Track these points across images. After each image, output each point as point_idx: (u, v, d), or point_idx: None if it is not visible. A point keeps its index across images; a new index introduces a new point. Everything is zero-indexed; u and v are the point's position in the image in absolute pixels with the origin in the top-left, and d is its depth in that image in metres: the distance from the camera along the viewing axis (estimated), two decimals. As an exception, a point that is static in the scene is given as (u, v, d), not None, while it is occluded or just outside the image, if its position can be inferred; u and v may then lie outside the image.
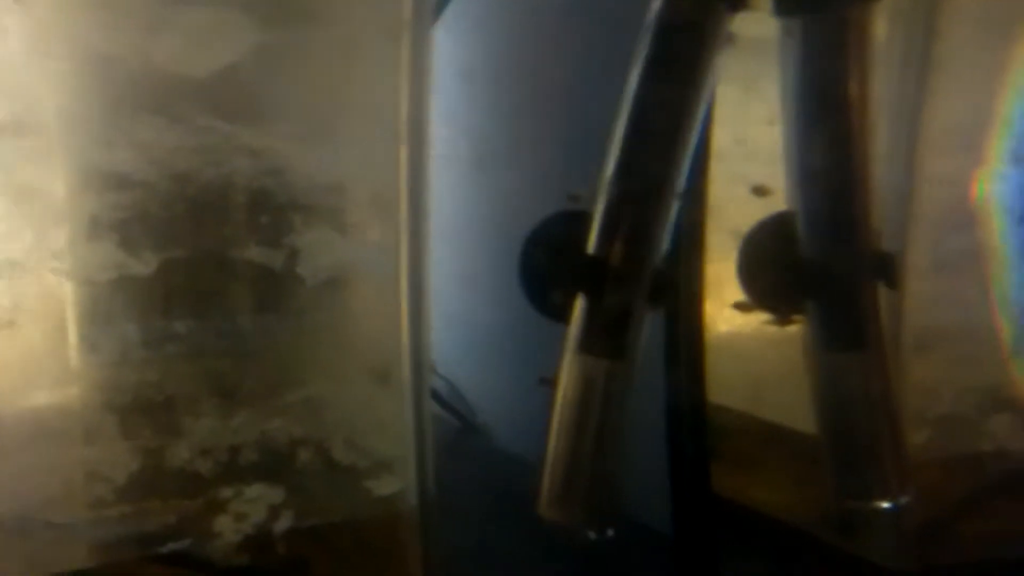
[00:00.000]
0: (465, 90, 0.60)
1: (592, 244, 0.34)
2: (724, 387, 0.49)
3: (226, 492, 0.41)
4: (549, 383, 0.39)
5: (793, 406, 0.43)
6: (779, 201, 0.37)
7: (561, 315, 0.37)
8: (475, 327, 0.55)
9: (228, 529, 0.41)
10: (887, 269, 0.35)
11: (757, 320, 0.40)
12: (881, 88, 0.36)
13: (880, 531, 0.41)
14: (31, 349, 0.39)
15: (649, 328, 0.35)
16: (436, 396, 0.54)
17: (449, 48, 0.56)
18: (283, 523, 0.42)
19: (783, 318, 0.38)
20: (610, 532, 0.37)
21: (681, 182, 0.33)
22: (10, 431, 0.39)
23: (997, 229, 0.45)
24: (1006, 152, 0.46)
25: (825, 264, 0.35)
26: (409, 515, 0.44)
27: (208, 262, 0.41)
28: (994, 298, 0.43)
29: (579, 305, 0.35)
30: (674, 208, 0.33)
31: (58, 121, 0.39)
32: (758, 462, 0.49)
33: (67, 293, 0.39)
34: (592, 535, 0.36)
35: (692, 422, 0.48)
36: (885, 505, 0.36)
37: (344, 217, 0.43)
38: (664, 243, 0.34)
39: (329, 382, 0.43)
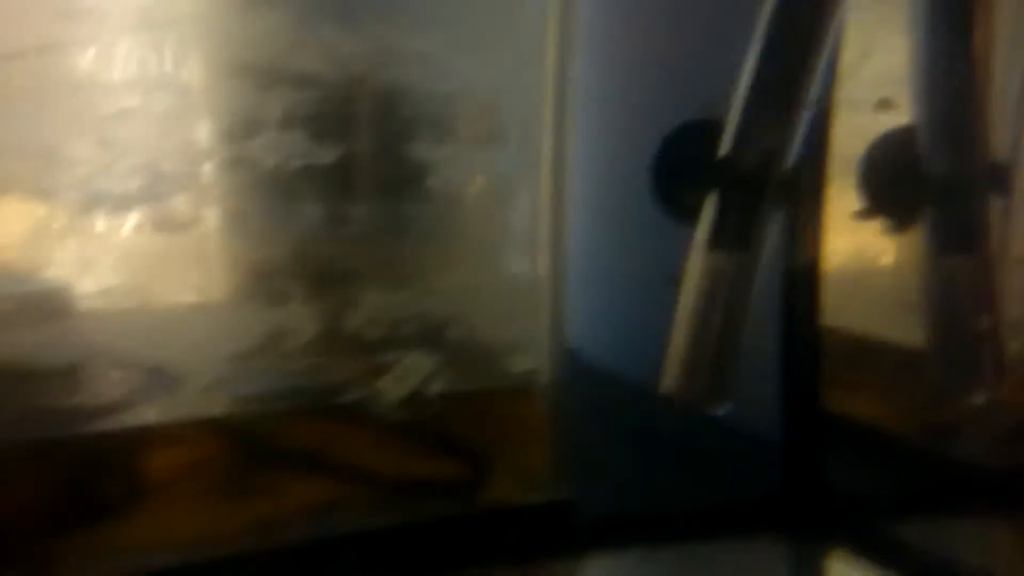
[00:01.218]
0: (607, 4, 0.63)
1: (725, 147, 0.38)
2: (835, 305, 0.53)
3: (389, 357, 0.48)
4: (676, 281, 0.43)
5: (902, 323, 0.46)
6: (903, 115, 0.39)
7: (691, 217, 0.41)
8: (607, 232, 0.59)
9: (389, 389, 0.48)
10: (1000, 179, 0.37)
11: (872, 232, 0.43)
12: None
13: (974, 432, 0.45)
14: (229, 226, 0.46)
15: (771, 232, 0.39)
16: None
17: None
18: (434, 387, 0.49)
19: (900, 225, 0.41)
20: (726, 409, 0.42)
21: (812, 92, 0.36)
22: (210, 297, 0.47)
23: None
24: None
25: (943, 173, 0.37)
26: (541, 392, 0.51)
27: (379, 156, 0.47)
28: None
29: (709, 205, 0.39)
30: (804, 117, 0.36)
31: (257, 28, 0.45)
32: (866, 377, 0.53)
33: (262, 178, 0.45)
34: (710, 409, 0.41)
35: (806, 330, 0.51)
36: (981, 401, 0.39)
37: (498, 121, 0.48)
38: (793, 149, 0.37)
39: (478, 270, 0.49)
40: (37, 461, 0.45)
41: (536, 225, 0.49)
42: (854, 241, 0.47)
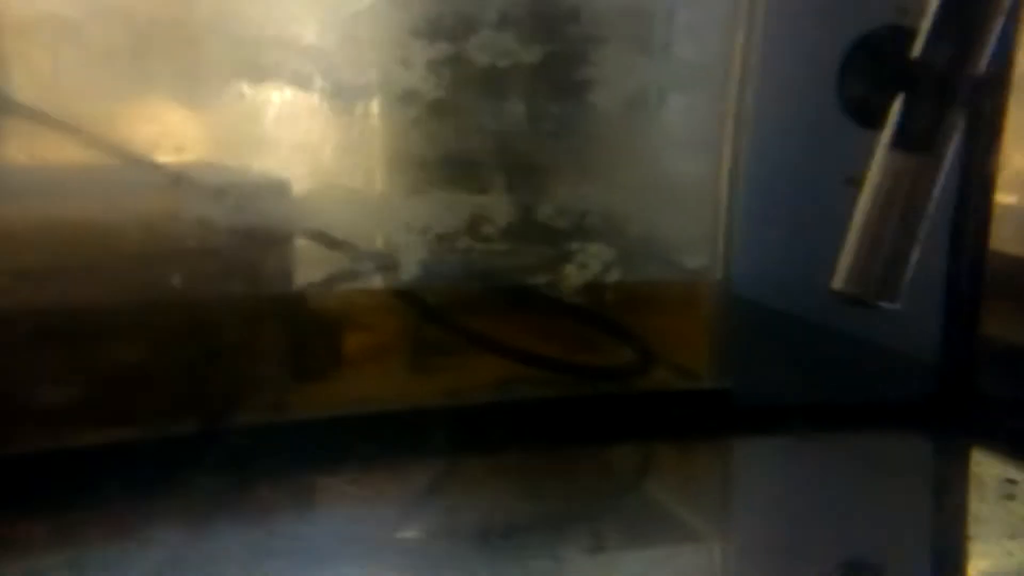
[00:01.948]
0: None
1: (917, 50, 0.39)
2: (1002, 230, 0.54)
3: (575, 246, 0.53)
4: (856, 183, 0.46)
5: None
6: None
7: (875, 121, 0.43)
8: (787, 137, 0.61)
9: (573, 275, 0.53)
10: None
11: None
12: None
13: None
14: (440, 118, 0.51)
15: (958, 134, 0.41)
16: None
17: None
18: (612, 275, 0.54)
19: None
20: (895, 307, 0.44)
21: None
22: (420, 183, 0.53)
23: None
24: None
25: None
26: (710, 288, 0.55)
27: (574, 59, 0.51)
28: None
29: (897, 106, 0.41)
30: (998, 24, 0.38)
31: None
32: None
33: (475, 77, 0.51)
34: (879, 305, 0.44)
35: (973, 251, 0.53)
36: None
37: (681, 26, 0.51)
38: (984, 56, 0.39)
39: (659, 169, 0.53)
40: (272, 316, 0.52)
41: (718, 129, 0.52)
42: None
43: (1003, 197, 0.54)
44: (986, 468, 0.52)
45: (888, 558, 0.42)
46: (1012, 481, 0.48)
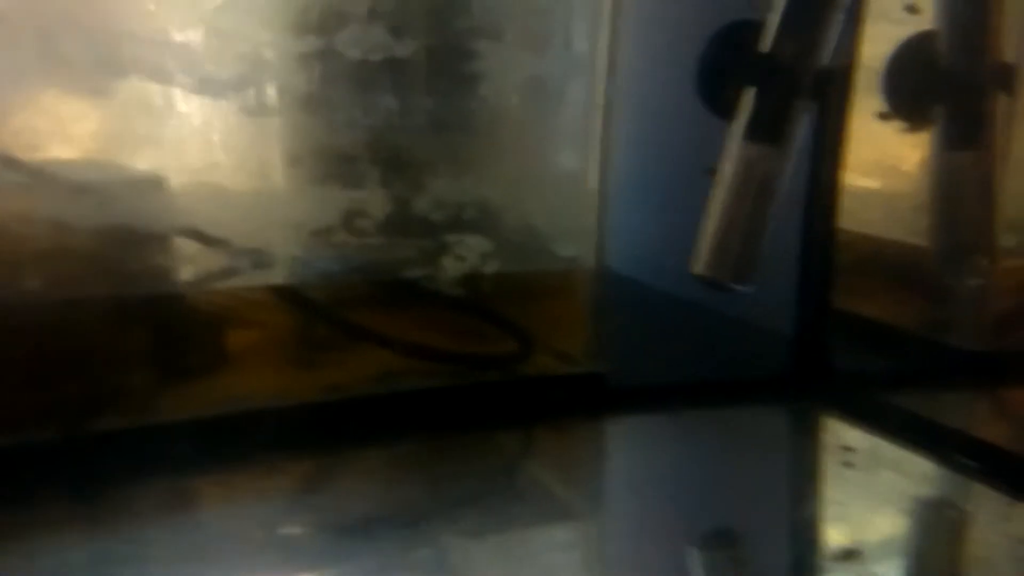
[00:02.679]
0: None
1: (766, 44, 0.42)
2: (851, 207, 0.58)
3: (451, 238, 0.54)
4: (714, 172, 0.49)
5: (908, 225, 0.52)
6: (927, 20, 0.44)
7: (730, 111, 0.46)
8: (652, 126, 0.64)
9: (450, 267, 0.54)
10: (1007, 79, 0.42)
11: (894, 133, 0.48)
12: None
13: (965, 320, 0.51)
14: (312, 112, 0.51)
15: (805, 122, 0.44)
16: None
17: None
18: (490, 267, 0.55)
19: (917, 125, 0.46)
20: (748, 289, 0.48)
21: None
22: (293, 178, 0.52)
23: None
24: None
25: (956, 72, 0.42)
26: (583, 276, 0.57)
27: (446, 53, 0.52)
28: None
29: (748, 99, 0.44)
30: (839, 18, 0.41)
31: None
32: (877, 274, 0.58)
33: (347, 71, 0.50)
34: (734, 287, 0.47)
35: (824, 224, 0.57)
36: (973, 284, 0.45)
37: (554, 22, 0.53)
38: (828, 49, 0.42)
39: (532, 162, 0.55)
40: (144, 317, 0.51)
41: (588, 124, 0.54)
42: (877, 147, 0.52)
43: (870, 182, 0.58)
44: (838, 437, 0.56)
45: (748, 527, 0.45)
46: (849, 448, 0.52)
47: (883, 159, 0.54)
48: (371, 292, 0.55)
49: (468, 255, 0.54)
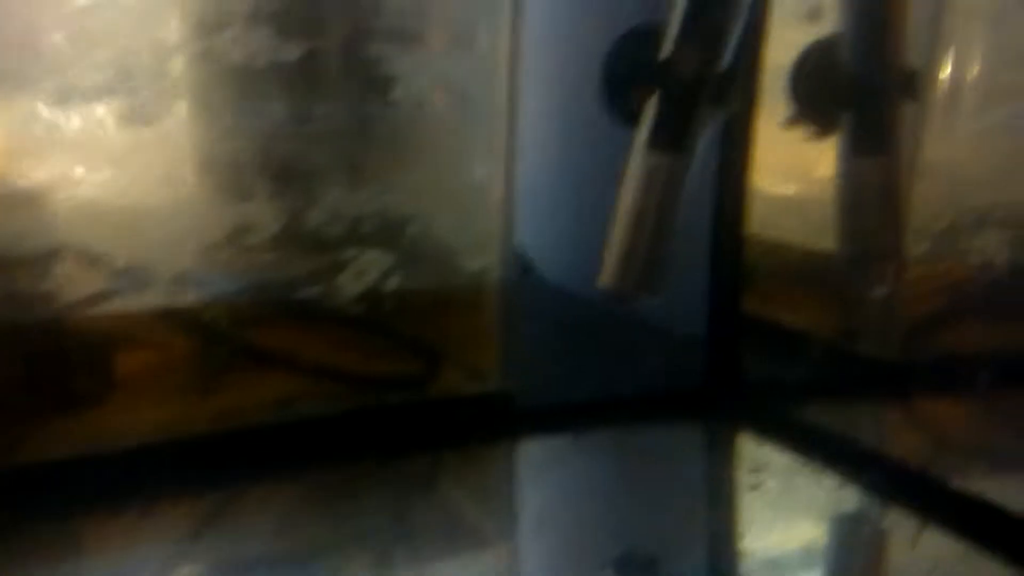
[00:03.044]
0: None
1: (666, 51, 0.41)
2: (760, 213, 0.57)
3: (349, 253, 0.51)
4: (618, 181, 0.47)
5: (817, 230, 0.51)
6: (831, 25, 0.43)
7: (634, 118, 0.45)
8: (558, 135, 0.63)
9: (349, 284, 0.51)
10: (911, 85, 0.42)
11: (800, 144, 0.47)
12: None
13: (874, 331, 0.50)
14: (194, 121, 0.48)
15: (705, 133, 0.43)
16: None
17: None
18: (391, 283, 0.52)
19: (822, 131, 0.45)
20: (656, 300, 0.46)
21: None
22: (176, 192, 0.49)
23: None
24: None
25: (860, 79, 0.41)
26: (490, 291, 0.54)
27: (343, 57, 0.49)
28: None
29: (651, 107, 0.42)
30: (741, 23, 0.40)
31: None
32: (787, 281, 0.58)
33: (228, 72, 0.47)
34: (642, 300, 0.45)
35: (731, 232, 0.56)
36: (880, 294, 0.44)
37: (451, 27, 0.51)
38: (728, 56, 0.40)
39: (435, 173, 0.52)
40: (14, 346, 0.47)
41: (491, 132, 0.52)
42: (784, 153, 0.51)
43: (783, 187, 0.57)
44: (751, 455, 0.55)
45: (662, 548, 0.43)
46: (761, 468, 0.51)
47: (796, 164, 0.54)
48: (266, 311, 0.52)
49: (368, 271, 0.51)
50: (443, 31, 0.50)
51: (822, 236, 0.50)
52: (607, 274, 0.46)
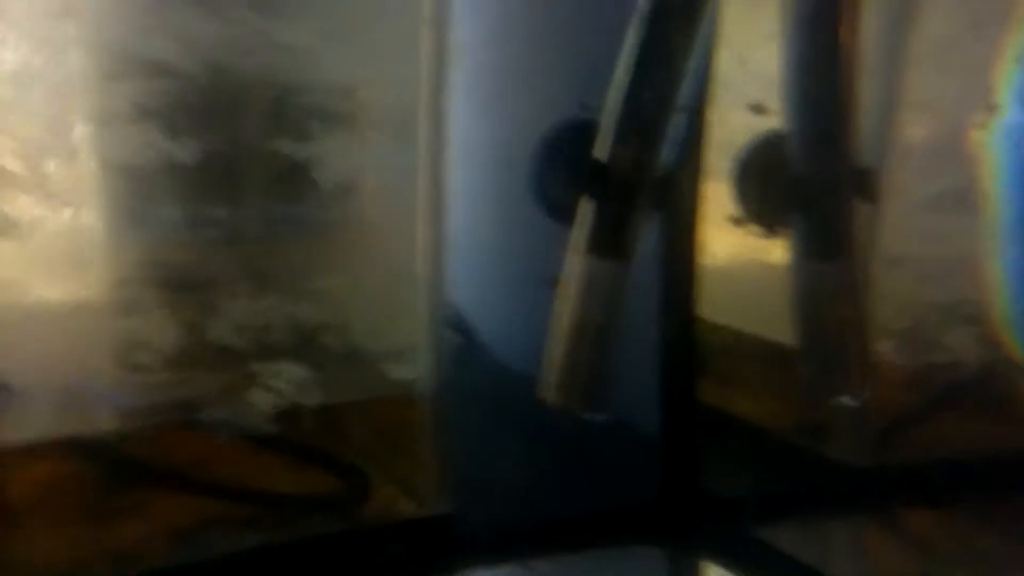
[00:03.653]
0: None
1: (601, 149, 0.37)
2: (713, 302, 0.53)
3: (258, 367, 0.45)
4: (555, 284, 0.42)
5: (777, 322, 0.47)
6: (775, 120, 0.39)
7: (568, 218, 0.40)
8: (487, 232, 0.58)
9: (259, 401, 0.46)
10: (866, 184, 0.38)
11: (746, 235, 0.44)
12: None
13: (842, 432, 0.45)
14: (77, 228, 0.43)
15: (647, 235, 0.39)
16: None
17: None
18: (308, 398, 0.46)
19: (771, 231, 0.41)
20: (603, 417, 0.41)
21: (685, 95, 0.36)
22: (57, 305, 0.43)
23: (990, 164, 0.47)
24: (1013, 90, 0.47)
25: (809, 178, 0.37)
26: (423, 399, 0.49)
27: (243, 153, 0.44)
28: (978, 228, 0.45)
29: (586, 208, 0.38)
30: (679, 120, 0.36)
31: (97, 7, 0.41)
32: (741, 374, 0.53)
33: (112, 175, 0.42)
34: (588, 417, 0.41)
35: (682, 330, 0.51)
36: (848, 401, 0.40)
37: (368, 118, 0.46)
38: (667, 153, 0.36)
39: (352, 272, 0.47)
40: None
41: (415, 225, 0.47)
42: (733, 239, 0.47)
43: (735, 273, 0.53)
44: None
45: None
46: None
47: (747, 250, 0.50)
48: (167, 434, 0.46)
49: (281, 385, 0.46)
50: (360, 122, 0.45)
51: (780, 325, 0.45)
52: (548, 388, 0.41)
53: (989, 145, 0.45)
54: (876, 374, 0.41)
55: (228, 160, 0.43)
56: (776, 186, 0.39)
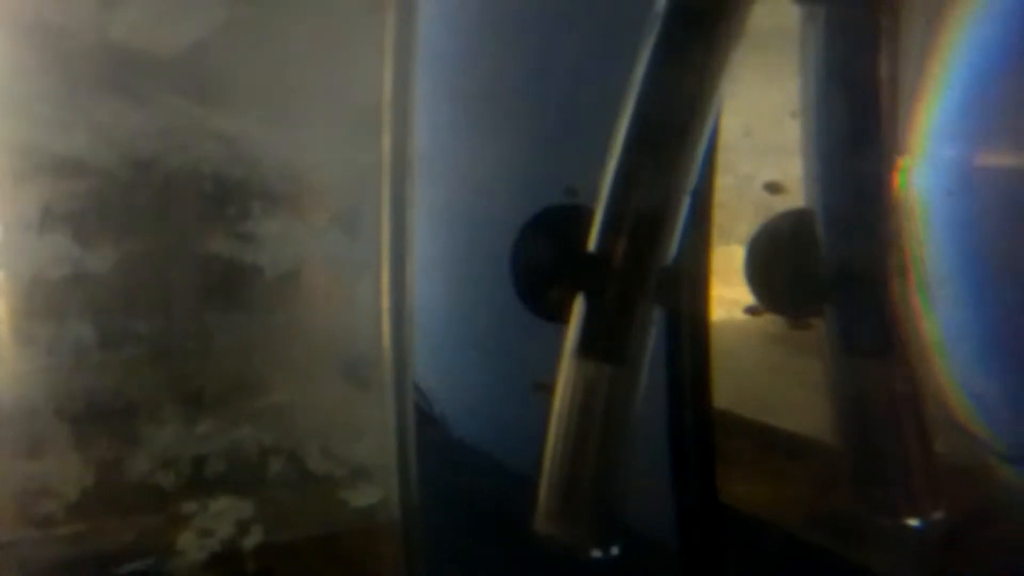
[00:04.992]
0: (451, 69, 0.57)
1: (594, 240, 0.31)
2: (727, 392, 0.47)
3: (190, 507, 0.38)
4: (546, 389, 0.36)
5: (798, 411, 0.41)
6: (794, 199, 0.34)
7: (557, 315, 0.34)
8: (459, 331, 0.52)
9: (192, 547, 0.38)
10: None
11: (763, 323, 0.38)
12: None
13: (894, 544, 0.39)
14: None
15: (655, 331, 0.33)
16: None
17: (432, 28, 0.52)
18: (253, 538, 0.39)
19: (797, 322, 0.35)
20: (615, 550, 0.34)
21: (692, 179, 0.31)
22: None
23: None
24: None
25: (848, 263, 0.32)
26: (390, 527, 0.42)
27: (171, 256, 0.38)
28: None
29: (578, 306, 0.32)
30: (683, 205, 0.31)
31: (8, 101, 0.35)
32: (764, 469, 0.47)
33: (13, 290, 0.35)
34: (595, 553, 0.34)
35: (697, 428, 0.45)
36: (913, 523, 0.34)
37: (318, 208, 0.40)
38: (671, 241, 0.31)
39: (301, 384, 0.40)
40: None
41: (378, 326, 0.40)
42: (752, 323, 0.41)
43: None
44: None
45: None
46: None
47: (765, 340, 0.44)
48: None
49: (218, 526, 0.38)
50: (307, 211, 0.39)
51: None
52: (543, 518, 0.35)
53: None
54: (943, 487, 0.34)
55: (151, 265, 0.36)
56: (803, 273, 0.34)
